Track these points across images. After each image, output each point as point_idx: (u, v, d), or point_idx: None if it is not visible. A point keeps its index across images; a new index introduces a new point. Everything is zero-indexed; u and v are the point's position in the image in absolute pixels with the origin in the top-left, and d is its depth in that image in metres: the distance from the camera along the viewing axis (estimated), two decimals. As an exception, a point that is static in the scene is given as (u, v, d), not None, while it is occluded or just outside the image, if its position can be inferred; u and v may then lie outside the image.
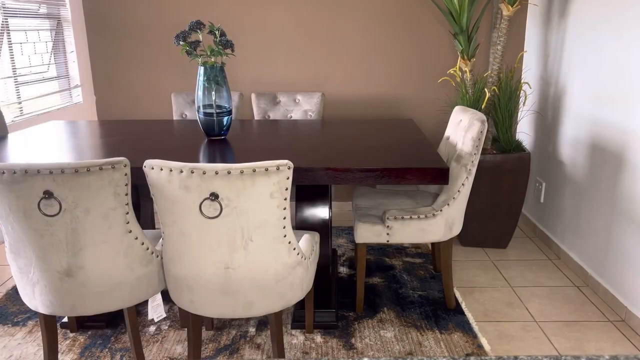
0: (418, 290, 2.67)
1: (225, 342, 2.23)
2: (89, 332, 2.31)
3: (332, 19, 3.52)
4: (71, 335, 2.30)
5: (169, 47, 3.60)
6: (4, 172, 1.57)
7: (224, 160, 2.07)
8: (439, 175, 1.96)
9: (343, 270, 2.90)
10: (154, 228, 2.80)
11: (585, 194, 2.75)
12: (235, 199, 1.59)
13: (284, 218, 1.70)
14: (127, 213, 1.75)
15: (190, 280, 1.75)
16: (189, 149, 2.25)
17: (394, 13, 3.51)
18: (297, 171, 1.94)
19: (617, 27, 2.46)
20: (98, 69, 3.65)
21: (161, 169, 1.60)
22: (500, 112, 3.03)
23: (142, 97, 3.70)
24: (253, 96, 3.28)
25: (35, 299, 1.80)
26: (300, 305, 2.36)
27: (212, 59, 2.33)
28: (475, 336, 2.26)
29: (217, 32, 2.29)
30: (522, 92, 3.39)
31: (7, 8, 2.82)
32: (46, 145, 2.33)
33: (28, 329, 2.35)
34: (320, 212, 2.26)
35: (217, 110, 2.35)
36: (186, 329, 2.28)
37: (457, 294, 2.61)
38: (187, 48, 2.29)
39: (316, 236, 2.11)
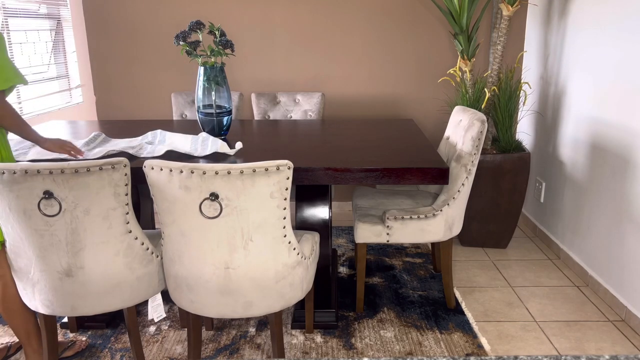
0: (418, 290, 2.67)
1: (225, 342, 2.23)
2: (89, 332, 2.31)
3: (332, 19, 3.52)
4: (71, 335, 2.30)
5: (169, 47, 3.61)
6: (4, 172, 1.57)
7: (223, 160, 2.07)
8: (439, 175, 1.96)
9: (343, 270, 2.90)
10: (154, 228, 2.80)
11: (585, 194, 2.75)
12: (235, 199, 1.59)
13: (284, 218, 1.70)
14: (127, 213, 1.75)
15: (190, 280, 1.75)
16: (189, 149, 2.25)
17: (394, 13, 3.51)
18: (297, 171, 1.94)
19: (617, 27, 2.46)
20: (98, 69, 3.65)
21: (161, 169, 1.60)
22: (500, 112, 3.03)
23: (142, 97, 3.70)
24: (253, 96, 3.28)
25: (35, 299, 1.80)
26: (300, 305, 2.36)
27: (212, 59, 2.33)
28: (475, 336, 2.26)
29: (217, 32, 2.29)
30: (522, 92, 3.39)
31: (7, 8, 2.82)
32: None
33: (28, 329, 2.35)
34: (320, 212, 2.26)
35: (217, 110, 2.35)
36: (186, 329, 2.28)
37: (457, 294, 2.61)
38: (187, 48, 2.29)
39: (316, 236, 2.11)
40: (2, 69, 1.73)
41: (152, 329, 2.34)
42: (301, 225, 2.27)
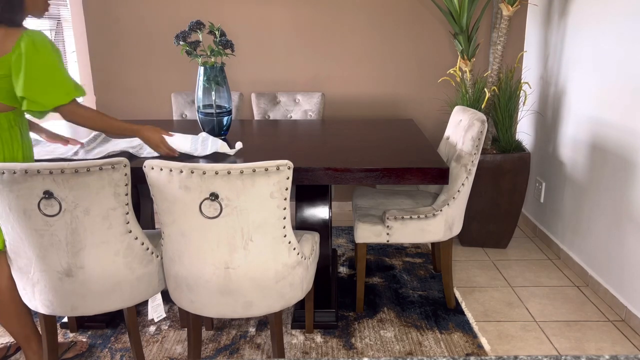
0: (418, 290, 2.67)
1: (225, 342, 2.23)
2: (89, 332, 2.31)
3: (332, 19, 3.52)
4: (71, 335, 2.30)
5: (169, 47, 3.60)
6: (4, 172, 1.57)
7: (223, 160, 2.07)
8: (439, 175, 1.96)
9: (343, 270, 2.90)
10: (154, 228, 2.80)
11: (585, 193, 2.75)
12: (235, 199, 1.59)
13: (284, 218, 1.70)
14: (127, 213, 1.75)
15: (190, 280, 1.75)
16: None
17: (394, 13, 3.51)
18: (297, 171, 1.94)
19: (617, 27, 2.46)
20: (98, 69, 3.65)
21: (161, 169, 1.60)
22: (500, 112, 3.03)
23: (142, 97, 3.70)
24: (253, 96, 3.28)
25: (35, 299, 1.80)
26: (300, 305, 2.36)
27: (212, 59, 2.33)
28: (475, 336, 2.26)
29: (217, 32, 2.29)
30: (522, 92, 3.39)
31: (7, 8, 2.82)
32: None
33: (28, 329, 2.35)
34: (320, 212, 2.26)
35: (217, 110, 2.35)
36: (186, 329, 2.28)
37: (457, 294, 2.61)
38: (187, 48, 2.29)
39: (316, 236, 2.11)
40: (63, 84, 1.76)
41: (152, 329, 2.34)
42: (301, 225, 2.27)
